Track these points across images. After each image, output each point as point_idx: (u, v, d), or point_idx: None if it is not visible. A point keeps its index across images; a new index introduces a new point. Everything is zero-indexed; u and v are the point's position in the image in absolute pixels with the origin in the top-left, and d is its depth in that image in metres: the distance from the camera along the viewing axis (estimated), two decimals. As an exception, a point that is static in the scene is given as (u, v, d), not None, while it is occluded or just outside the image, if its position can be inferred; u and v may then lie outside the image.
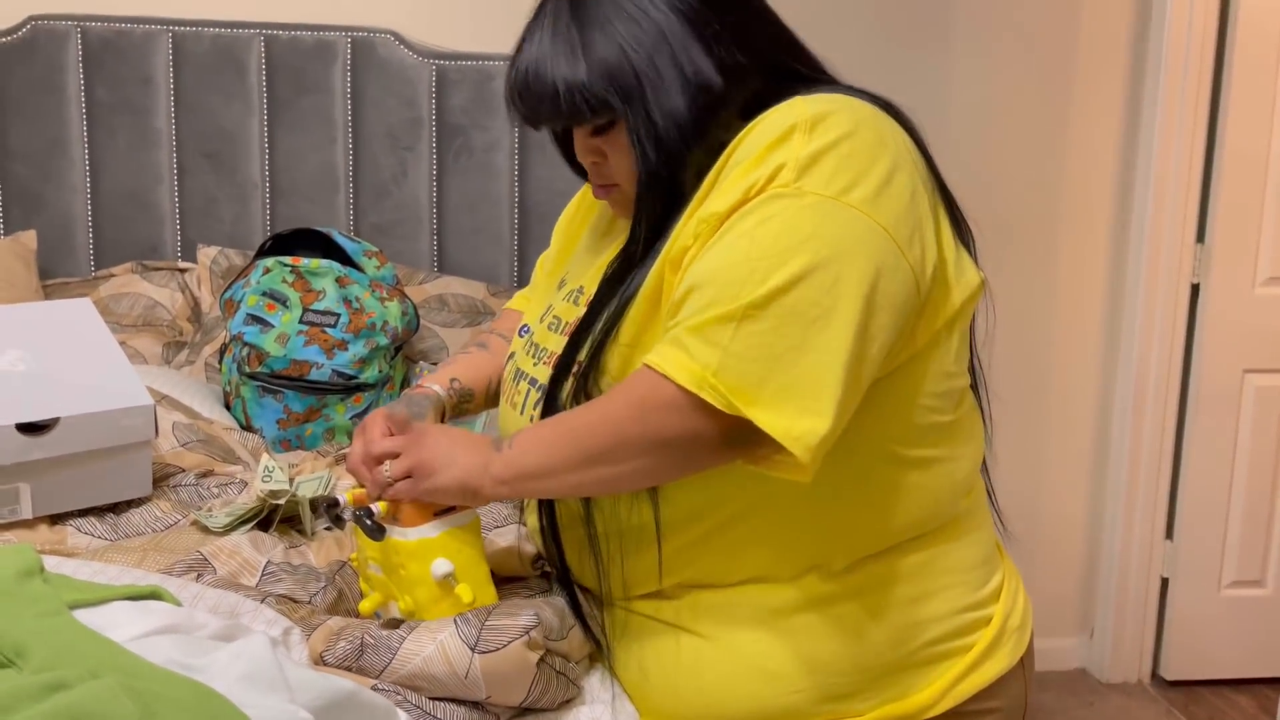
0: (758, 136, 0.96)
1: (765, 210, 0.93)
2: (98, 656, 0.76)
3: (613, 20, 0.98)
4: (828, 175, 0.92)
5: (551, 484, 1.00)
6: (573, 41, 0.99)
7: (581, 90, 0.98)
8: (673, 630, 1.07)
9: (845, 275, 0.91)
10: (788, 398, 0.90)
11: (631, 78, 0.97)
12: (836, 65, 1.09)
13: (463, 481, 0.99)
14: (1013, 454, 2.57)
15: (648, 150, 0.98)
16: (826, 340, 0.90)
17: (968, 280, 1.04)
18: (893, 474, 1.03)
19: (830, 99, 0.98)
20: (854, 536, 1.04)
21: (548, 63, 0.99)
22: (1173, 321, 2.48)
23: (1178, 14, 2.36)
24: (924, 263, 0.97)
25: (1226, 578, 2.58)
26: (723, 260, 0.93)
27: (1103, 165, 2.49)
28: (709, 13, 0.99)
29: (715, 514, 1.03)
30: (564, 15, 1.00)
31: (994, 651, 1.09)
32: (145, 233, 2.14)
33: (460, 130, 2.18)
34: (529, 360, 1.13)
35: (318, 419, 1.75)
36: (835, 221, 0.92)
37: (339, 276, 1.81)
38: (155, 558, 1.14)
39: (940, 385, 1.04)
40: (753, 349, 0.90)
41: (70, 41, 2.06)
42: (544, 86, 0.99)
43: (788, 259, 0.90)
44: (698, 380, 0.91)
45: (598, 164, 1.06)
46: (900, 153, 0.97)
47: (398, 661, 0.97)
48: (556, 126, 1.07)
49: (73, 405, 1.21)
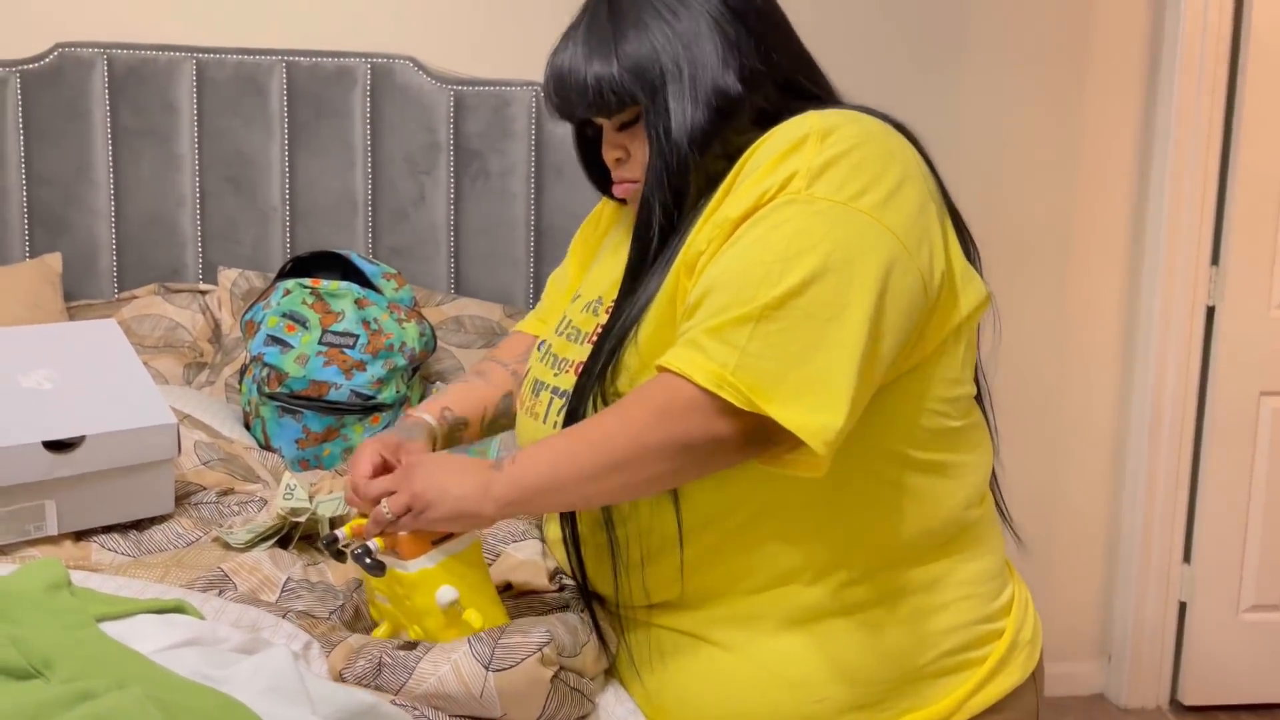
0: (771, 146, 0.99)
1: (778, 216, 0.95)
2: (124, 667, 0.77)
3: (646, 20, 1.04)
4: (839, 182, 0.95)
5: (563, 497, 1.00)
6: (607, 38, 1.05)
7: (611, 82, 1.04)
8: (691, 640, 1.07)
9: (856, 276, 0.94)
10: (804, 393, 0.92)
11: (658, 74, 1.03)
12: (852, 85, 1.13)
13: (460, 510, 0.99)
14: (1029, 477, 2.57)
15: (662, 145, 1.03)
16: (839, 338, 0.93)
17: (975, 291, 1.06)
18: (902, 476, 1.05)
19: (842, 113, 1.02)
20: (869, 541, 1.05)
21: (582, 57, 1.06)
22: (1188, 344, 2.48)
23: (1191, 36, 2.37)
24: (932, 268, 1.00)
25: (1245, 602, 2.57)
26: (738, 264, 0.95)
27: (1117, 188, 2.50)
28: (738, 23, 1.05)
29: (733, 516, 1.04)
30: (602, 14, 1.07)
31: (1007, 664, 1.10)
32: (167, 255, 2.17)
33: (477, 155, 2.21)
34: (549, 372, 1.14)
35: (336, 439, 1.77)
36: (846, 226, 0.95)
37: (358, 298, 1.83)
38: (177, 574, 1.16)
39: (948, 391, 1.06)
40: (769, 348, 0.92)
41: (96, 68, 2.10)
42: (577, 79, 1.06)
43: (801, 262, 0.93)
44: (717, 379, 0.92)
45: (621, 160, 1.10)
46: (909, 165, 1.01)
47: (414, 680, 0.98)
48: (587, 116, 1.10)
49: (98, 423, 1.22)
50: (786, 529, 1.04)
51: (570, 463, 0.97)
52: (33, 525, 1.20)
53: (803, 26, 1.12)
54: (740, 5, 1.06)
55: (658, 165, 1.03)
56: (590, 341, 1.10)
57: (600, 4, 1.08)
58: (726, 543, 1.05)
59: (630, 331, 1.03)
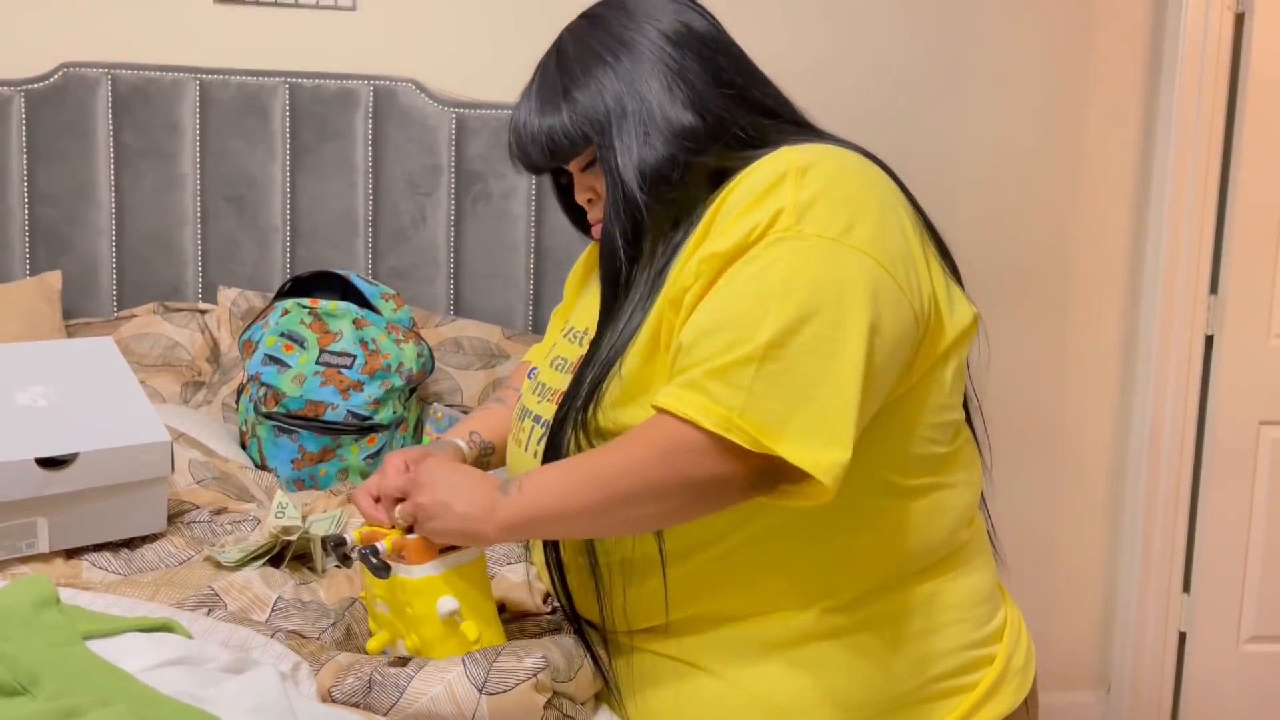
0: (751, 183, 1.00)
1: (770, 254, 0.96)
2: (110, 686, 0.76)
3: (591, 66, 1.08)
4: (826, 218, 0.97)
5: (566, 527, 1.00)
6: (556, 90, 1.09)
7: (563, 129, 1.08)
8: (678, 665, 1.07)
9: (850, 312, 0.94)
10: (812, 431, 0.92)
11: (604, 114, 1.06)
12: (851, 115, 1.13)
13: (463, 529, 1.00)
14: (1028, 507, 2.57)
15: (615, 177, 1.05)
16: (839, 374, 0.93)
17: (960, 315, 1.07)
18: (891, 503, 1.05)
19: (815, 148, 1.03)
20: (856, 566, 1.05)
21: (535, 112, 1.10)
22: (1187, 374, 2.48)
23: (1189, 65, 2.38)
24: (920, 297, 1.01)
25: (1245, 632, 2.55)
26: (735, 304, 0.96)
27: (1116, 216, 2.50)
28: (684, 54, 1.07)
29: (718, 545, 1.04)
30: (551, 69, 1.11)
31: (998, 691, 1.09)
32: (167, 274, 2.17)
33: (478, 177, 2.21)
34: (534, 399, 1.16)
35: (332, 459, 1.76)
36: (837, 262, 0.96)
37: (356, 318, 1.83)
38: (167, 592, 1.15)
39: (936, 417, 1.06)
40: (775, 388, 0.93)
41: (101, 88, 2.11)
42: (531, 131, 1.10)
43: (797, 300, 0.94)
44: (725, 423, 0.93)
45: (592, 200, 1.13)
46: (886, 194, 1.02)
47: (405, 700, 0.97)
48: (548, 166, 1.14)
49: (91, 441, 1.22)
50: (773, 556, 1.03)
51: (576, 497, 0.97)
52: (24, 542, 1.20)
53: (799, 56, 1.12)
54: (683, 39, 1.08)
55: (613, 197, 1.05)
56: (573, 371, 1.10)
57: (549, 60, 1.12)
58: (711, 570, 1.04)
59: (614, 365, 1.03)
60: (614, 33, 1.08)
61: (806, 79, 1.12)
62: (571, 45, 1.10)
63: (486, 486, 1.01)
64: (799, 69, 1.13)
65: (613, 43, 1.08)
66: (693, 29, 1.09)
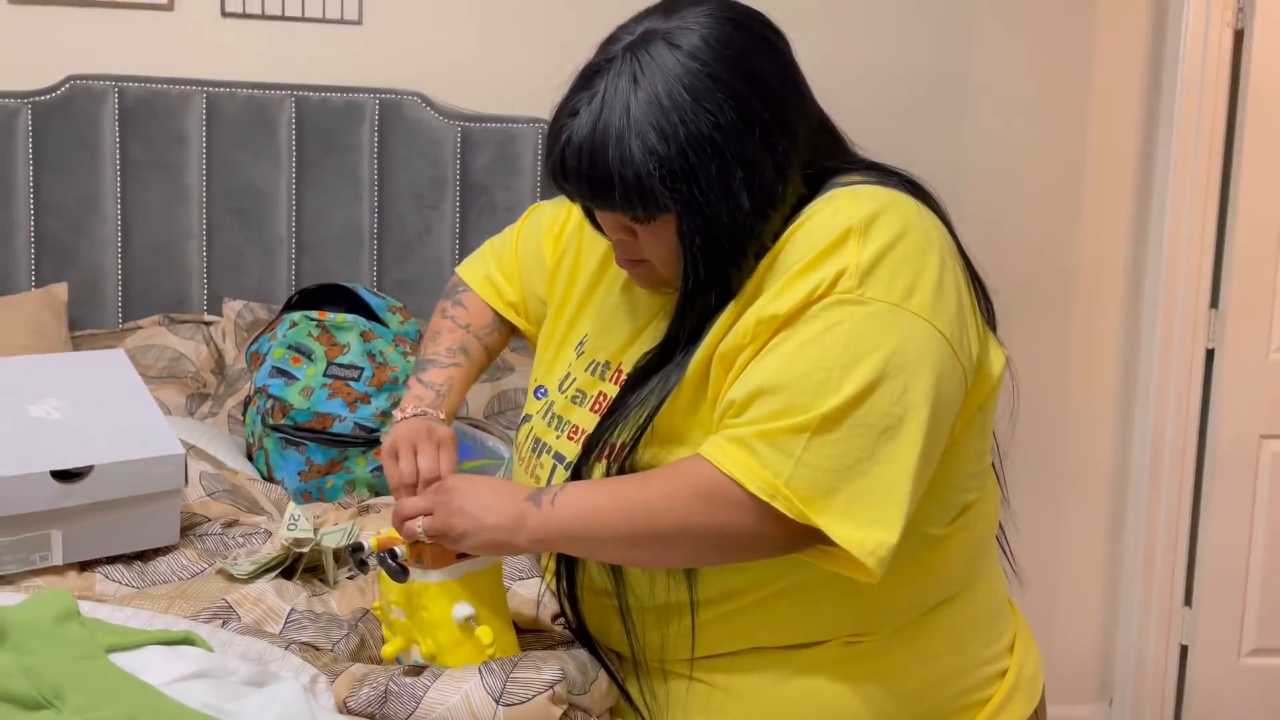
0: (810, 239, 0.95)
1: (831, 316, 0.93)
2: (134, 700, 0.76)
3: (671, 116, 0.93)
4: (888, 280, 0.93)
5: (593, 550, 1.00)
6: (636, 130, 0.93)
7: (637, 186, 0.93)
8: (696, 684, 1.07)
9: (912, 385, 0.92)
10: (859, 508, 0.91)
11: (688, 179, 0.93)
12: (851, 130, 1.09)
13: (493, 541, 0.99)
14: (1029, 521, 2.55)
15: (700, 253, 0.95)
16: (896, 450, 0.92)
17: (995, 364, 1.05)
18: (926, 552, 1.04)
19: (874, 195, 0.97)
20: (889, 609, 1.05)
21: (604, 148, 0.94)
22: (1188, 387, 2.49)
23: (1189, 81, 2.40)
24: (971, 359, 0.99)
25: (1247, 646, 2.55)
26: (793, 368, 0.93)
27: (1116, 231, 2.51)
28: (765, 108, 0.95)
29: (751, 594, 1.03)
30: (627, 97, 0.94)
31: (1011, 702, 1.10)
32: (173, 286, 2.17)
33: (484, 190, 2.22)
34: (550, 432, 1.12)
35: (339, 471, 1.76)
36: (900, 330, 0.93)
37: (363, 331, 1.83)
38: (181, 605, 1.15)
39: (973, 465, 1.06)
40: (825, 459, 0.91)
41: (107, 101, 2.12)
42: (599, 173, 0.94)
43: (858, 369, 0.91)
44: (770, 489, 0.91)
45: (625, 241, 1.02)
46: (944, 248, 0.98)
47: (422, 710, 0.97)
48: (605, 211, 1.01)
49: (106, 453, 1.22)
50: (807, 605, 1.03)
51: (609, 524, 0.96)
52: (38, 555, 1.20)
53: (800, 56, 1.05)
54: (765, 87, 0.95)
55: (700, 275, 0.96)
56: (595, 409, 1.08)
57: (622, 82, 0.94)
58: (744, 615, 1.04)
59: (649, 425, 1.00)
60: (696, 70, 0.93)
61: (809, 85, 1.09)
62: (649, 76, 0.93)
63: (514, 496, 1.00)
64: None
65: (697, 85, 0.93)
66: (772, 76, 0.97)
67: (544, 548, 1.00)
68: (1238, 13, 2.39)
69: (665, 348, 1.02)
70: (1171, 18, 2.42)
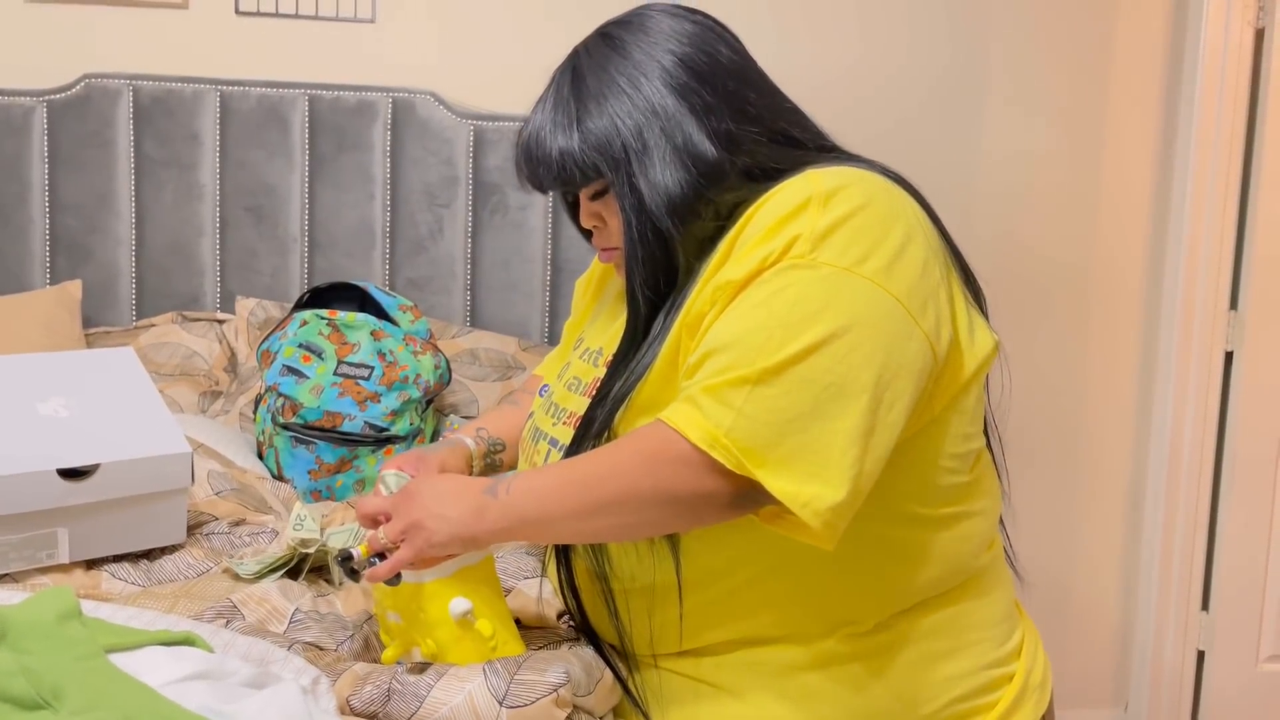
0: (773, 208, 0.98)
1: (781, 280, 0.95)
2: (133, 701, 0.76)
3: (607, 94, 1.04)
4: (841, 247, 0.95)
5: (552, 530, 1.00)
6: (570, 113, 1.05)
7: (574, 157, 1.04)
8: (700, 686, 1.07)
9: (858, 345, 0.93)
10: (796, 462, 0.91)
11: (619, 148, 1.02)
12: (871, 127, 1.11)
13: (457, 535, 1.00)
14: (1045, 525, 2.55)
15: (632, 218, 1.02)
16: (838, 409, 0.92)
17: (981, 345, 1.05)
18: (914, 534, 1.04)
19: (844, 172, 1.00)
20: (880, 596, 1.04)
21: (547, 132, 1.06)
22: (1206, 389, 2.46)
23: (1209, 81, 2.37)
24: (938, 330, 0.98)
25: (1264, 651, 2.53)
26: (740, 326, 0.95)
27: (1135, 232, 2.49)
28: (704, 85, 1.03)
29: (735, 574, 1.03)
30: (565, 88, 1.07)
31: (1018, 709, 1.09)
32: (186, 284, 2.18)
33: (496, 189, 2.22)
34: (548, 420, 1.15)
35: (349, 470, 1.76)
36: (849, 293, 0.94)
37: (374, 330, 1.83)
38: (186, 604, 1.15)
39: (958, 447, 1.05)
40: (765, 412, 0.92)
41: (122, 99, 2.12)
42: (543, 153, 1.06)
43: (804, 328, 0.93)
44: (710, 438, 0.92)
45: (599, 228, 1.10)
46: (912, 224, 0.99)
47: (425, 709, 0.97)
48: (554, 190, 1.11)
49: (113, 451, 1.22)
50: (794, 586, 1.03)
51: (560, 500, 0.97)
52: (45, 552, 1.20)
53: (817, 66, 1.10)
54: (705, 67, 1.04)
55: (631, 239, 1.03)
56: (588, 394, 1.10)
57: (564, 76, 1.08)
58: (731, 598, 1.04)
59: (625, 399, 1.02)
60: (633, 59, 1.04)
61: (824, 91, 1.10)
62: (587, 67, 1.06)
63: (473, 489, 1.01)
64: (817, 81, 1.12)
65: (631, 70, 1.04)
66: (717, 59, 1.05)
67: (508, 537, 1.00)
68: (1259, 11, 2.36)
69: (631, 322, 1.05)
70: (1192, 17, 2.40)
